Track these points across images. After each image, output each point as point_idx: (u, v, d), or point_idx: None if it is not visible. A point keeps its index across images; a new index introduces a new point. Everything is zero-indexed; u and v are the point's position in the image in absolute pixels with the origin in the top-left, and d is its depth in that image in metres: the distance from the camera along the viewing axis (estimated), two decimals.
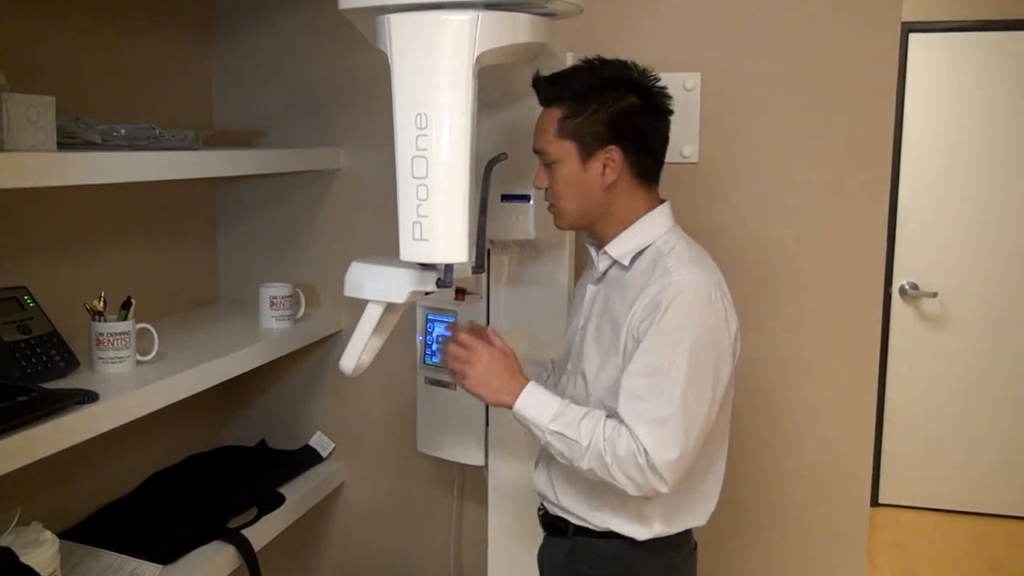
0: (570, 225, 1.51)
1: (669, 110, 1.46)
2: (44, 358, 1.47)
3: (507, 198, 1.70)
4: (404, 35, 1.29)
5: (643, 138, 1.42)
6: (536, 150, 1.47)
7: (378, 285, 1.46)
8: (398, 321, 1.56)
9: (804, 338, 1.92)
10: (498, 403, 1.46)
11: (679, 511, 1.47)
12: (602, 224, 1.47)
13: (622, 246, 1.45)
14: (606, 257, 1.48)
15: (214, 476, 2.01)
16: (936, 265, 3.83)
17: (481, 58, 1.28)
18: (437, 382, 1.90)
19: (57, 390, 1.39)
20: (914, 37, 3.70)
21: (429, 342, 1.91)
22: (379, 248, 1.90)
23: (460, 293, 1.83)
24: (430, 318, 1.91)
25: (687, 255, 1.41)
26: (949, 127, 3.77)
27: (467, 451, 1.89)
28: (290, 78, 2.13)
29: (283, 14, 2.11)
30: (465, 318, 1.85)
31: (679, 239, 1.45)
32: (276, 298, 1.96)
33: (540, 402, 1.42)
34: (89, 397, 1.37)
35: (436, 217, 1.32)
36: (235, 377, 1.76)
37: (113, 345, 1.53)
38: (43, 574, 1.34)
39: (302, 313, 2.04)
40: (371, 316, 1.49)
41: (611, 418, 1.38)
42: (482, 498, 1.96)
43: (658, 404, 1.33)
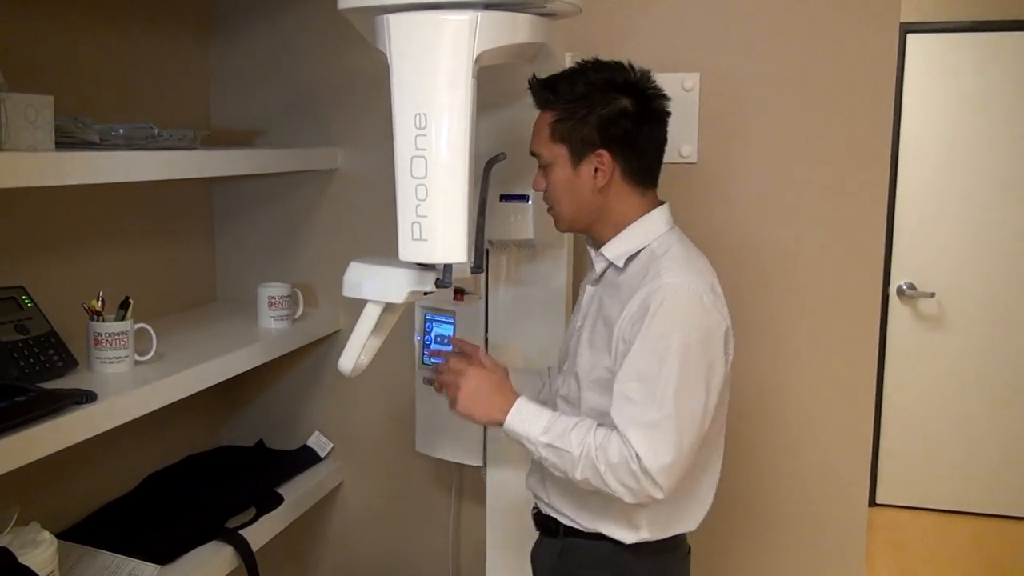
0: (568, 227, 1.51)
1: (664, 113, 1.45)
2: (42, 358, 1.46)
3: (506, 198, 1.70)
4: (403, 35, 1.29)
5: (633, 142, 1.41)
6: (532, 152, 1.48)
7: (377, 285, 1.46)
8: (396, 321, 1.57)
9: (802, 338, 1.92)
10: (490, 422, 1.46)
11: (669, 516, 1.46)
12: (599, 226, 1.47)
13: (617, 248, 1.45)
14: (602, 259, 1.47)
15: (212, 476, 2.01)
16: (934, 265, 3.84)
17: (480, 58, 1.28)
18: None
19: (55, 390, 1.38)
20: (912, 37, 3.71)
21: (427, 342, 1.91)
22: (377, 248, 1.90)
23: (459, 293, 1.83)
24: (428, 318, 1.90)
25: (681, 257, 1.40)
26: (946, 127, 3.77)
27: (465, 451, 1.89)
28: (289, 78, 2.13)
29: (282, 14, 2.11)
30: (464, 318, 1.85)
31: (674, 241, 1.44)
32: (274, 298, 1.96)
33: (530, 416, 1.41)
34: (87, 397, 1.37)
35: (435, 217, 1.32)
36: (233, 377, 1.76)
37: (111, 345, 1.53)
38: (41, 574, 1.34)
39: (300, 313, 2.03)
40: (370, 316, 1.49)
41: (602, 426, 1.37)
42: (480, 498, 1.96)
43: (650, 408, 1.32)
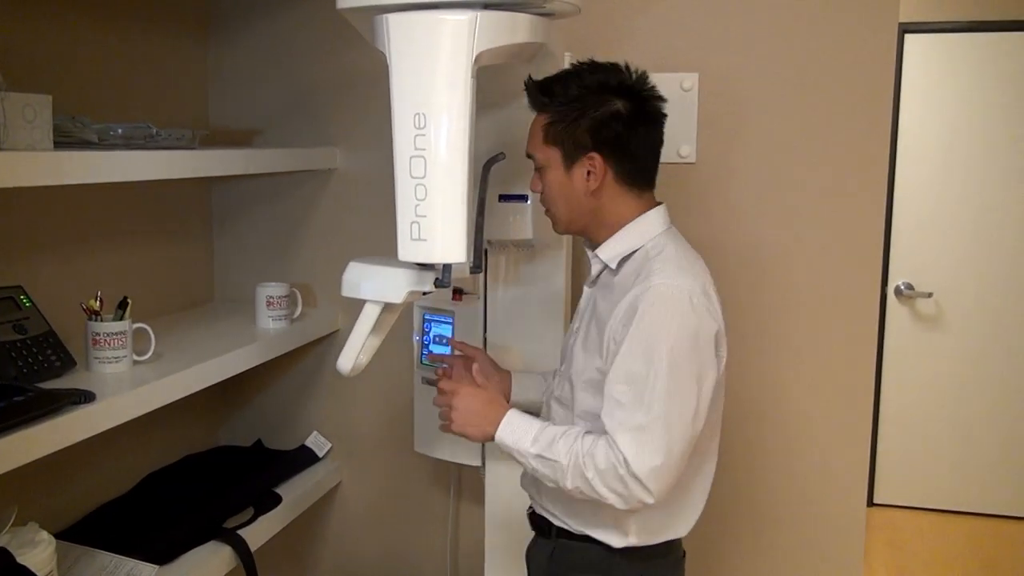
0: (564, 229, 1.51)
1: (659, 115, 1.44)
2: (40, 358, 1.46)
3: (505, 198, 1.70)
4: (402, 35, 1.29)
5: (626, 145, 1.40)
6: (527, 155, 1.48)
7: (376, 285, 1.46)
8: (395, 321, 1.56)
9: (801, 338, 1.92)
10: (484, 437, 1.45)
11: (660, 522, 1.44)
12: (595, 228, 1.46)
13: (611, 250, 1.44)
14: (597, 261, 1.47)
15: (210, 476, 2.01)
16: (931, 265, 3.84)
17: (480, 58, 1.28)
18: (434, 382, 1.89)
19: (53, 390, 1.38)
20: (910, 38, 3.71)
21: (426, 342, 1.91)
22: (376, 248, 1.90)
23: (457, 293, 1.83)
24: (427, 318, 1.90)
25: (673, 258, 1.39)
26: (944, 128, 3.78)
27: (464, 451, 1.89)
28: (287, 78, 2.13)
29: (281, 14, 2.11)
30: (462, 318, 1.85)
31: (668, 242, 1.43)
32: (273, 298, 1.96)
33: (519, 428, 1.41)
34: (85, 397, 1.37)
35: (434, 217, 1.32)
36: (232, 377, 1.76)
37: (110, 345, 1.53)
38: (39, 574, 1.33)
39: (299, 313, 2.03)
40: (369, 316, 1.49)
41: (590, 433, 1.36)
42: (479, 498, 1.96)
43: (638, 411, 1.31)
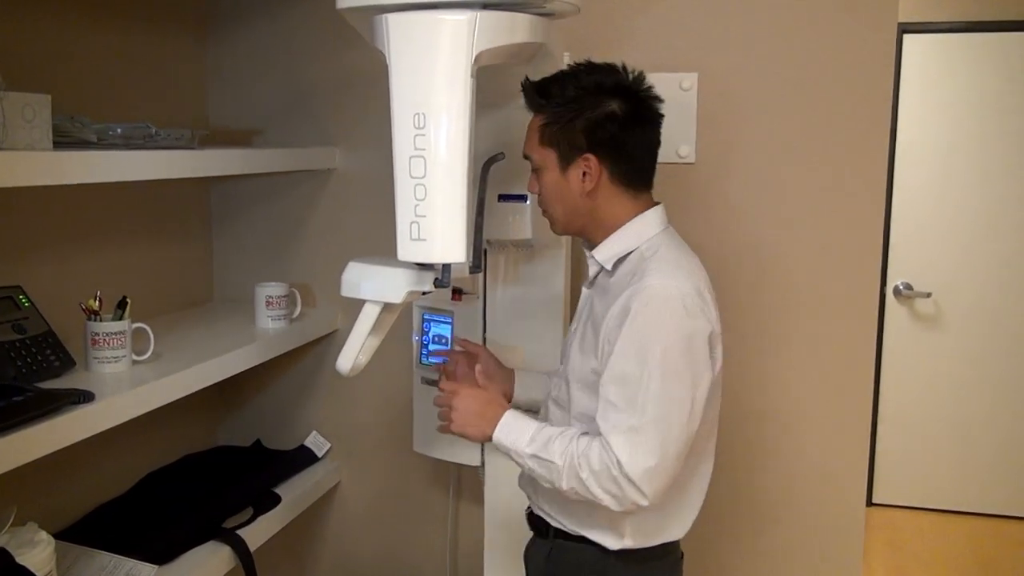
0: (562, 231, 1.50)
1: (656, 116, 1.44)
2: (39, 358, 1.46)
3: (504, 198, 1.70)
4: (402, 35, 1.29)
5: (621, 146, 1.40)
6: (524, 155, 1.47)
7: (375, 285, 1.46)
8: (395, 321, 1.56)
9: (800, 338, 1.92)
10: (483, 438, 1.45)
11: (655, 525, 1.44)
12: (592, 230, 1.46)
13: (607, 251, 1.44)
14: (593, 262, 1.47)
15: (209, 476, 2.01)
16: (930, 265, 3.85)
17: (479, 58, 1.28)
18: (433, 382, 1.89)
19: (53, 390, 1.38)
20: (908, 38, 3.72)
21: (425, 342, 1.91)
22: (375, 248, 1.90)
23: (457, 293, 1.83)
24: (426, 318, 1.90)
25: (668, 259, 1.38)
26: (943, 128, 3.78)
27: (463, 451, 1.89)
28: (286, 77, 2.13)
29: (280, 13, 2.11)
30: (461, 318, 1.85)
31: (664, 243, 1.42)
32: (272, 298, 1.96)
33: (516, 429, 1.41)
34: (85, 397, 1.37)
35: (434, 217, 1.32)
36: (231, 377, 1.75)
37: (109, 345, 1.52)
38: (39, 574, 1.33)
39: (298, 313, 2.03)
40: (368, 316, 1.49)
41: (585, 434, 1.36)
42: (478, 498, 1.96)
43: (631, 413, 1.31)
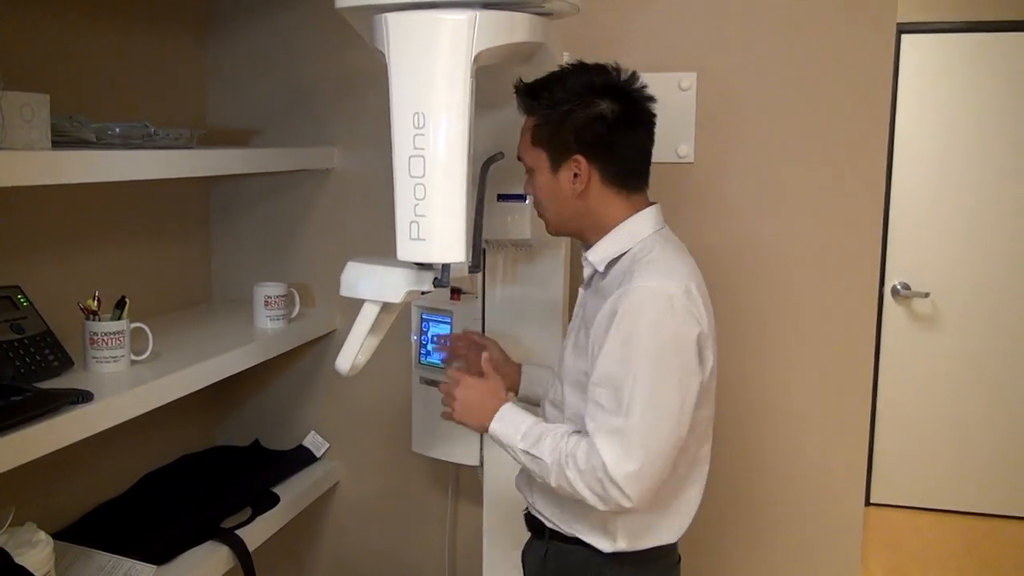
0: (556, 232, 1.50)
1: (647, 115, 1.43)
2: (38, 358, 1.46)
3: (503, 198, 1.70)
4: (402, 34, 1.29)
5: (610, 147, 1.39)
6: (517, 157, 1.47)
7: (374, 285, 1.46)
8: (393, 321, 1.56)
9: (799, 338, 1.92)
10: (481, 428, 1.46)
11: (646, 527, 1.43)
12: (586, 231, 1.45)
13: (599, 252, 1.43)
14: (587, 263, 1.46)
15: (208, 476, 2.01)
16: (928, 265, 3.85)
17: (479, 57, 1.28)
18: (432, 382, 1.89)
19: (51, 390, 1.38)
20: (906, 38, 3.72)
21: (424, 342, 1.91)
22: (374, 248, 1.90)
23: (455, 293, 1.83)
24: (425, 317, 1.90)
25: (659, 261, 1.37)
26: (940, 128, 3.78)
27: (462, 451, 1.89)
28: (285, 77, 2.13)
29: (279, 13, 2.11)
30: (460, 318, 1.85)
31: (657, 243, 1.41)
32: (271, 297, 1.95)
33: (511, 423, 1.41)
34: (83, 397, 1.36)
35: (434, 216, 1.32)
36: (229, 377, 1.75)
37: (107, 344, 1.52)
38: (37, 575, 1.33)
39: (296, 313, 2.03)
40: (367, 316, 1.49)
41: (576, 433, 1.36)
42: (477, 498, 1.96)
43: (616, 414, 1.30)
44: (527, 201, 1.68)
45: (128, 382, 1.50)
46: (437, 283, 1.42)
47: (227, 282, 2.22)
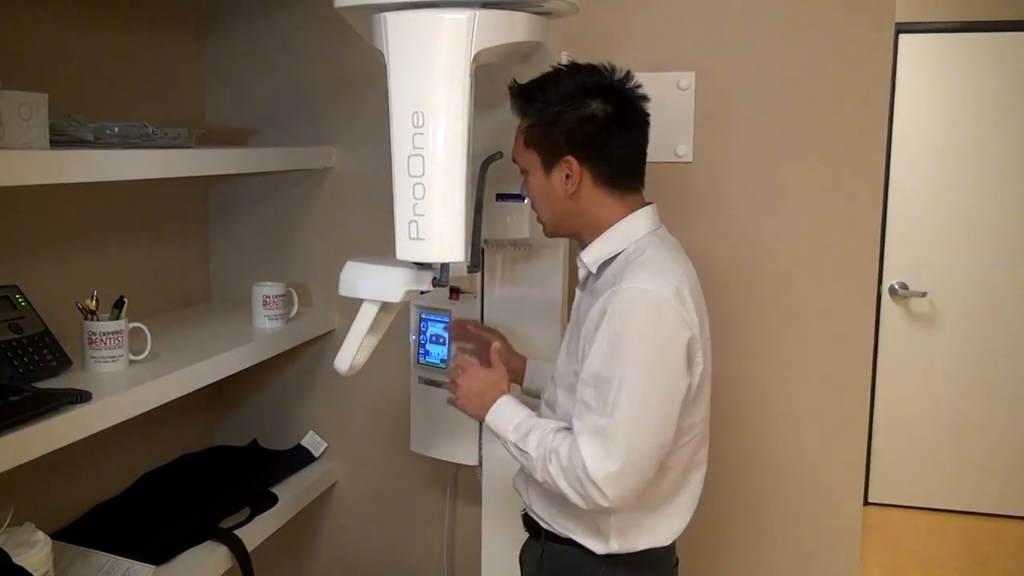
0: (552, 233, 1.50)
1: (641, 115, 1.43)
2: (36, 357, 1.46)
3: (502, 197, 1.70)
4: (401, 34, 1.29)
5: (602, 147, 1.38)
6: (512, 159, 1.48)
7: (373, 284, 1.46)
8: (392, 320, 1.56)
9: (797, 338, 1.93)
10: (479, 418, 1.47)
11: (638, 529, 1.42)
12: (581, 231, 1.45)
13: (593, 253, 1.43)
14: (582, 264, 1.46)
15: (206, 476, 2.01)
16: (925, 265, 3.85)
17: (478, 57, 1.28)
18: (431, 382, 1.90)
19: (49, 390, 1.38)
20: (904, 38, 3.72)
21: (423, 341, 1.91)
22: (373, 247, 1.90)
23: (454, 292, 1.83)
24: (424, 317, 1.90)
25: (652, 261, 1.36)
26: (938, 127, 3.79)
27: (461, 451, 1.89)
28: (284, 76, 2.13)
29: (278, 13, 2.10)
30: (459, 317, 1.85)
31: (651, 244, 1.40)
32: (269, 297, 1.95)
33: (505, 415, 1.42)
34: (82, 397, 1.36)
35: (433, 216, 1.32)
36: (227, 376, 1.75)
37: (106, 344, 1.52)
38: (36, 575, 1.33)
39: (295, 312, 2.03)
40: (366, 316, 1.49)
41: (563, 430, 1.37)
42: (476, 498, 1.96)
43: (600, 414, 1.30)
44: (526, 201, 1.68)
45: (126, 382, 1.50)
46: (436, 283, 1.42)
47: (225, 282, 2.22)
